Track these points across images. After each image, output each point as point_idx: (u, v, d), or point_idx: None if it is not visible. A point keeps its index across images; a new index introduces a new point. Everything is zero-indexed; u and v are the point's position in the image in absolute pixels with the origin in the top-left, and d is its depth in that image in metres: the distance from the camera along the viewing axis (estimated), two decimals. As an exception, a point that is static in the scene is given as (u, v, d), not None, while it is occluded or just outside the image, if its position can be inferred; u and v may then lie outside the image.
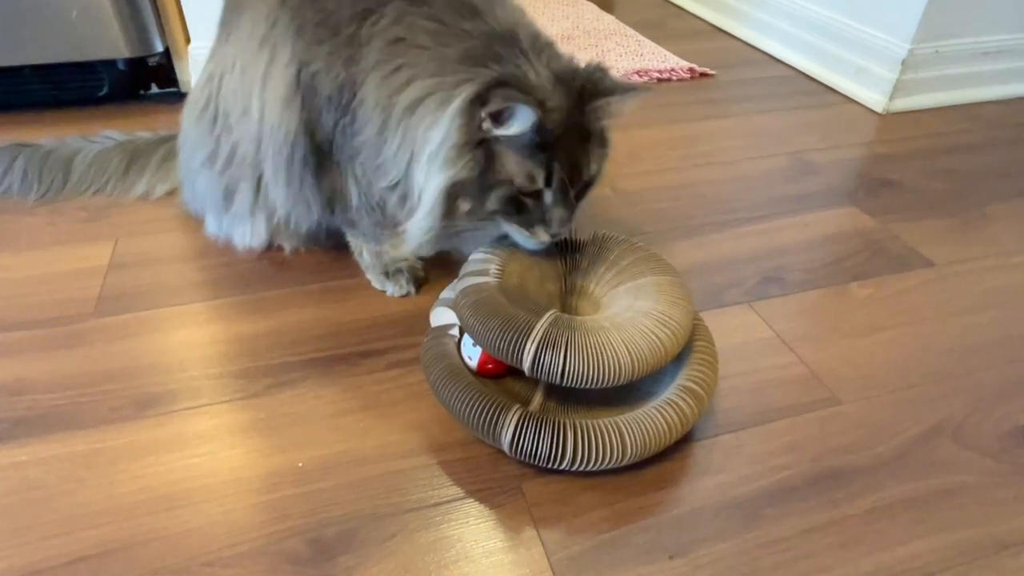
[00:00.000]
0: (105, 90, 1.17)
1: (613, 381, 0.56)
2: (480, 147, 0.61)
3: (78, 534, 0.54)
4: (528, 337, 0.57)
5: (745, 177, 1.06)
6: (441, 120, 0.61)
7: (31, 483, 0.57)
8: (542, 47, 0.65)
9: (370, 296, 0.79)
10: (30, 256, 0.84)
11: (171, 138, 0.96)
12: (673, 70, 1.41)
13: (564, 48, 0.68)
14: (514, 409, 0.57)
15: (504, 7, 0.67)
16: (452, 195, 0.63)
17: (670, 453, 0.61)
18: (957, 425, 0.65)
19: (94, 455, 0.60)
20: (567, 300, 0.70)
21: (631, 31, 1.61)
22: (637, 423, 0.57)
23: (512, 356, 0.57)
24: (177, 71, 1.21)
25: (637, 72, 1.39)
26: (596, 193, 0.76)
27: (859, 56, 1.32)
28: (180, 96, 1.22)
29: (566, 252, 0.71)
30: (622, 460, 0.56)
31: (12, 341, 0.71)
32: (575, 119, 0.62)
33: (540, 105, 0.59)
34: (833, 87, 1.37)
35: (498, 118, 0.59)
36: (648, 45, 1.53)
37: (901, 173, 1.08)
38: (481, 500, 0.57)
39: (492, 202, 0.63)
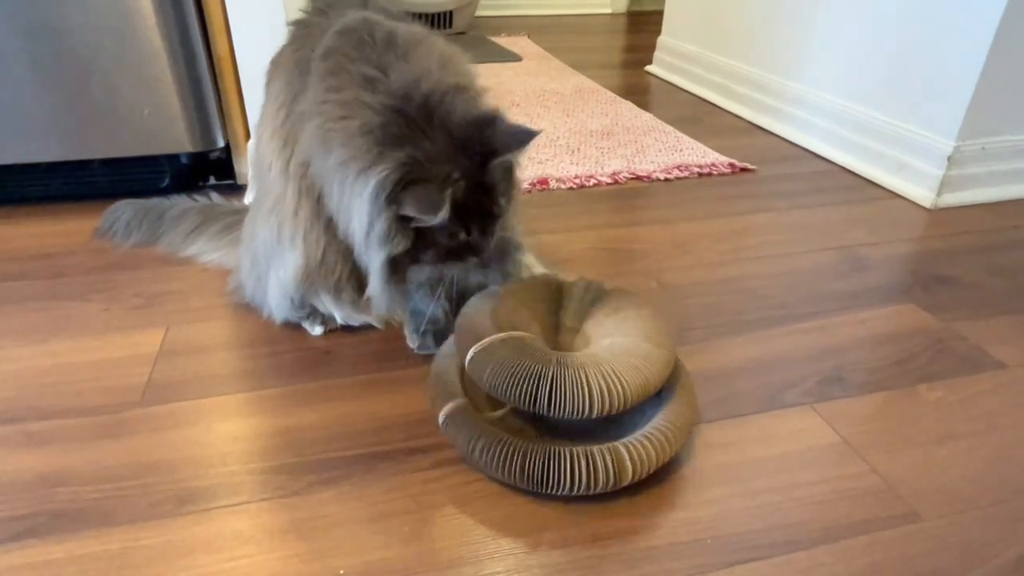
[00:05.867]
0: (167, 182, 1.23)
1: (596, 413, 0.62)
2: (407, 224, 0.68)
3: (106, 644, 0.50)
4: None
5: (795, 271, 1.04)
6: (361, 202, 0.67)
7: (63, 584, 0.55)
8: (438, 103, 0.68)
9: (416, 390, 0.77)
10: (82, 342, 0.85)
11: (239, 211, 1.02)
12: (713, 164, 1.43)
13: (600, 142, 0.74)
14: (526, 443, 0.63)
15: (411, 58, 0.71)
16: (392, 262, 0.70)
17: (738, 566, 0.56)
18: (1058, 549, 0.59)
19: (129, 554, 0.57)
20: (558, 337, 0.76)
21: (669, 128, 1.65)
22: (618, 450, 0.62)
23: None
24: (235, 164, 1.27)
25: (678, 167, 1.41)
26: (642, 286, 0.75)
27: (902, 152, 1.32)
28: (236, 187, 1.27)
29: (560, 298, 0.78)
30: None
31: (57, 429, 0.71)
32: (479, 175, 0.68)
33: (445, 179, 0.66)
34: (876, 182, 1.37)
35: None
36: (687, 141, 1.56)
37: (957, 269, 1.05)
38: (533, 621, 0.53)
39: (428, 258, 0.72)
